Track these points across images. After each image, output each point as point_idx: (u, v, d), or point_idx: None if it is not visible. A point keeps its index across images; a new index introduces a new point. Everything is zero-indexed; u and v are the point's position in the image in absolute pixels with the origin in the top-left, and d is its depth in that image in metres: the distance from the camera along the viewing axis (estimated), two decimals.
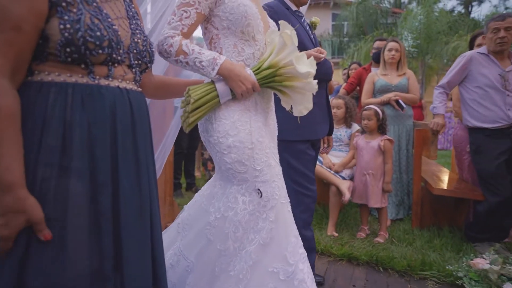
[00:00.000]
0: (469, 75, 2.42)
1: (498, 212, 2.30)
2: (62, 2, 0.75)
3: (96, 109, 0.78)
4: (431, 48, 10.70)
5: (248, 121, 1.12)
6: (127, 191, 0.81)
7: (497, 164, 2.27)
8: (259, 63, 1.13)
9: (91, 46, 0.76)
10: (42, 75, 0.77)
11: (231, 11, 1.10)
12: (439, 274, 1.96)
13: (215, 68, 1.05)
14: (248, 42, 1.15)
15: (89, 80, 0.79)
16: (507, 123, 2.27)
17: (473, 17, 14.39)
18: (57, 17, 0.74)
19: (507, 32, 2.27)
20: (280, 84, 1.12)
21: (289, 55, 1.06)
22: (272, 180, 1.11)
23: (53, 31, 0.74)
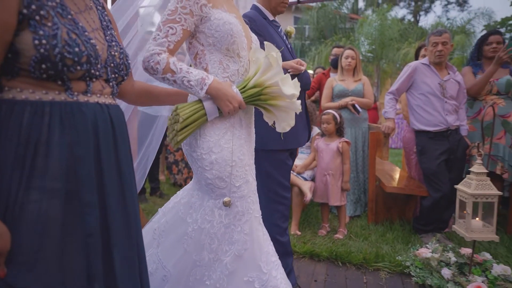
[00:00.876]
0: (414, 83, 2.68)
1: (439, 206, 2.57)
2: (35, 15, 0.70)
3: (78, 128, 0.75)
4: (385, 54, 11.47)
5: (231, 139, 1.15)
6: (115, 209, 0.80)
7: (438, 163, 2.54)
8: (245, 82, 1.16)
9: (69, 62, 0.72)
10: (14, 92, 0.71)
11: (217, 28, 1.11)
12: (390, 264, 2.16)
13: (203, 87, 1.06)
14: (233, 58, 1.17)
15: (67, 97, 0.75)
16: (446, 127, 2.55)
17: (421, 25, 15.58)
18: (30, 31, 0.70)
19: (444, 46, 2.55)
20: (265, 103, 1.16)
21: (275, 77, 1.10)
22: (248, 196, 1.17)
23: (26, 46, 0.69)
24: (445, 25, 14.00)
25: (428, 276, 1.90)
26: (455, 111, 2.59)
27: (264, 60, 1.10)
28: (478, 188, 1.67)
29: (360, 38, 12.69)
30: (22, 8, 0.69)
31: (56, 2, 0.74)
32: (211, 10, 1.11)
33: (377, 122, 6.12)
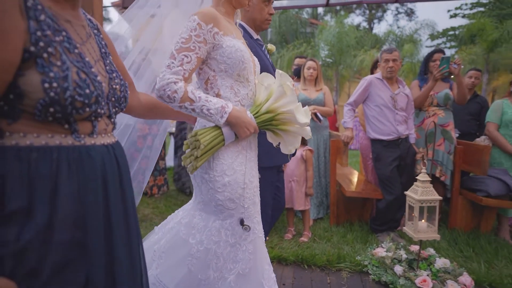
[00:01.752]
0: (370, 96, 2.93)
1: (392, 208, 2.84)
2: (43, 52, 0.64)
3: (87, 175, 0.70)
4: (343, 60, 12.11)
5: (244, 162, 1.19)
6: (121, 257, 0.77)
7: (391, 169, 2.81)
8: (257, 107, 1.20)
9: (78, 105, 0.68)
10: (16, 138, 0.64)
11: (229, 55, 1.14)
12: (351, 264, 2.35)
13: (224, 116, 1.08)
14: (243, 83, 1.21)
15: (74, 140, 0.70)
16: (397, 136, 2.83)
17: (375, 32, 16.64)
18: (38, 72, 0.63)
19: (394, 62, 2.82)
20: (276, 127, 1.22)
21: (289, 105, 1.15)
22: (254, 216, 1.21)
23: (33, 88, 0.63)
24: (396, 33, 15.10)
25: (383, 274, 2.12)
26: (405, 121, 2.88)
27: (278, 88, 1.15)
28: (423, 194, 1.90)
29: (320, 43, 13.24)
30: (29, 46, 0.63)
31: (63, 35, 0.69)
32: (223, 38, 1.14)
33: (335, 124, 6.45)
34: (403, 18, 22.63)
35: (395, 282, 2.04)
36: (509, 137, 2.93)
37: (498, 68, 12.38)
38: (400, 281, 2.02)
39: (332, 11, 16.70)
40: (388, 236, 2.70)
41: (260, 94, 1.23)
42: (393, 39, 14.98)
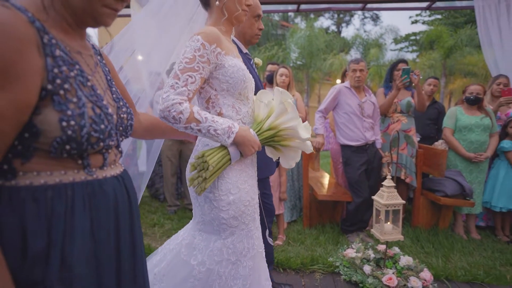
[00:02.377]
0: (339, 104, 3.08)
1: (361, 209, 3.02)
2: (59, 89, 0.62)
3: (100, 210, 0.69)
4: (313, 63, 12.46)
5: (247, 179, 1.20)
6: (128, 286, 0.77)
7: (359, 173, 2.97)
8: (258, 124, 1.21)
9: (93, 140, 0.67)
10: (30, 177, 0.62)
11: (232, 75, 1.14)
12: (323, 266, 2.47)
13: (231, 136, 1.08)
14: (243, 101, 1.22)
15: (87, 175, 0.69)
16: (365, 142, 3.00)
17: (343, 36, 17.25)
18: (55, 110, 0.61)
19: (361, 72, 2.99)
20: (278, 143, 1.23)
21: (291, 121, 1.17)
22: (254, 233, 1.23)
23: (50, 126, 0.61)
24: (363, 37, 15.76)
25: (353, 273, 2.26)
26: (371, 128, 3.06)
27: (279, 105, 1.17)
28: (388, 199, 2.06)
29: (290, 46, 13.52)
30: (46, 84, 0.61)
31: (76, 69, 0.68)
32: (225, 57, 1.15)
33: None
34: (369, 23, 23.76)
35: (364, 281, 2.18)
36: (462, 141, 3.21)
37: (454, 72, 13.35)
38: (368, 280, 2.16)
39: (302, 14, 17.09)
40: (357, 237, 2.86)
41: (260, 111, 1.24)
42: (360, 43, 15.64)
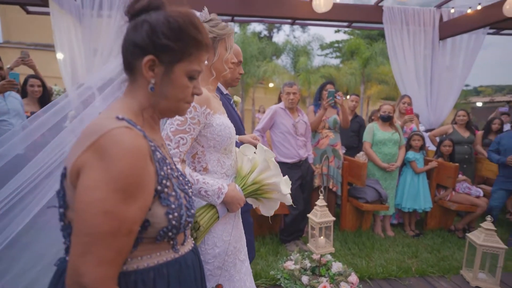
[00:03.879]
0: (275, 123, 3.30)
1: (297, 220, 3.29)
2: (164, 188, 0.72)
3: (187, 282, 0.77)
4: (247, 69, 12.78)
5: (231, 231, 1.24)
6: None
7: (295, 187, 3.23)
8: (243, 179, 1.25)
9: (187, 224, 0.76)
10: (136, 262, 0.71)
11: (219, 133, 1.20)
12: (266, 280, 2.65)
13: (220, 197, 1.14)
14: (227, 155, 1.27)
15: (175, 253, 0.77)
16: (298, 159, 3.28)
17: (274, 41, 18.01)
18: (162, 205, 0.71)
19: (294, 95, 3.26)
20: (260, 196, 1.29)
21: (274, 177, 1.24)
22: (234, 276, 1.27)
23: (158, 219, 0.70)
24: (293, 43, 16.69)
25: (293, 285, 2.48)
26: (304, 145, 3.36)
27: (263, 162, 1.24)
28: (321, 217, 2.32)
29: None
30: (156, 186, 0.71)
31: (168, 163, 0.76)
32: (213, 117, 1.20)
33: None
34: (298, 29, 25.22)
35: None
36: (378, 153, 3.72)
37: (370, 79, 15.06)
38: None
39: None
40: (296, 247, 3.12)
41: (243, 164, 1.31)
42: (290, 49, 16.52)
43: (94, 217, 0.60)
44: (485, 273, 2.77)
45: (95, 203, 0.60)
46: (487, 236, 2.64)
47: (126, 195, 0.62)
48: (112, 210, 0.60)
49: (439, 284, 2.72)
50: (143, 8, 0.73)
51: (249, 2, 5.39)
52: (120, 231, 0.62)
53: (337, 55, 22.88)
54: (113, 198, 0.61)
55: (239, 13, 5.54)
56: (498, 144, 3.66)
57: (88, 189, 0.61)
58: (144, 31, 0.71)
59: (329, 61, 21.85)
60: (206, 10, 1.34)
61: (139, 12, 0.73)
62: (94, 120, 0.69)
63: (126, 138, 0.64)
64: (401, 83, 5.73)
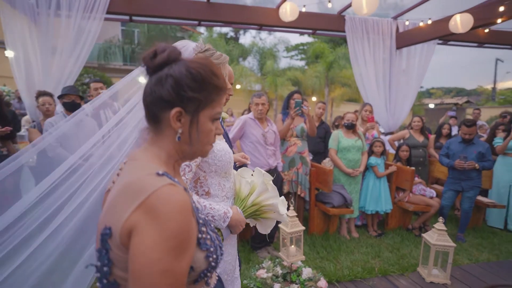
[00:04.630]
0: (245, 133, 3.35)
1: None
2: (202, 233, 0.75)
3: None
4: None
5: (230, 251, 1.28)
6: None
7: None
8: (242, 201, 1.29)
9: (219, 261, 0.79)
10: None
11: (220, 158, 1.24)
12: None
13: (226, 221, 1.19)
14: (227, 178, 1.32)
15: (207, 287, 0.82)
16: (268, 167, 3.36)
17: (241, 42, 18.06)
18: (201, 250, 0.74)
19: (263, 106, 3.34)
20: (259, 216, 1.33)
21: (272, 199, 1.29)
22: None
23: (199, 263, 0.73)
24: (259, 46, 16.85)
25: None
26: (273, 154, 3.45)
27: (261, 185, 1.29)
28: (292, 227, 2.41)
29: None
30: (197, 234, 0.74)
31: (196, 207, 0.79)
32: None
33: None
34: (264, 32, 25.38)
35: None
36: (343, 159, 3.92)
37: (334, 82, 15.66)
38: None
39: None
40: (267, 254, 3.20)
41: (241, 187, 1.35)
42: (257, 51, 16.66)
43: (152, 277, 0.61)
44: (437, 269, 3.04)
45: (152, 263, 0.61)
46: (439, 236, 2.90)
47: (179, 251, 0.64)
48: (168, 269, 0.62)
49: (399, 282, 2.94)
50: (164, 62, 0.74)
51: (216, 8, 5.40)
52: (176, 287, 0.64)
53: (302, 57, 23.44)
54: (168, 257, 0.63)
55: (206, 18, 5.52)
56: (447, 149, 4.02)
57: (144, 251, 0.62)
58: (170, 85, 0.73)
59: (294, 63, 22.35)
60: (201, 40, 1.38)
61: (159, 67, 0.75)
62: (131, 176, 0.70)
63: (174, 196, 0.66)
64: (362, 87, 6.07)
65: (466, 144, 3.87)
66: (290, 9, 4.83)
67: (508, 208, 4.37)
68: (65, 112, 3.23)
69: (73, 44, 4.52)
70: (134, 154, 0.80)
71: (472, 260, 3.43)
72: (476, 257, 3.52)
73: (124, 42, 15.41)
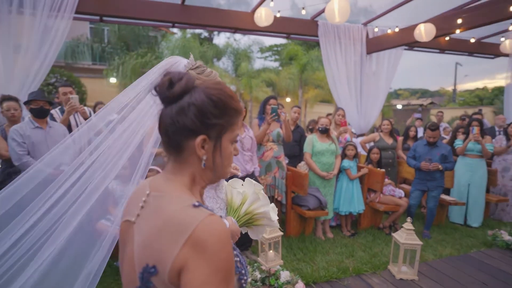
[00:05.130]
0: None
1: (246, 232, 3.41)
2: (235, 256, 0.77)
3: None
4: None
5: None
6: None
7: None
8: (235, 211, 1.31)
9: (247, 283, 0.79)
10: None
11: None
12: None
13: None
14: (220, 189, 1.35)
15: None
16: (246, 173, 3.40)
17: (215, 43, 17.95)
18: (236, 274, 0.76)
19: None
20: (252, 224, 1.34)
21: (263, 207, 1.31)
22: None
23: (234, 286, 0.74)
24: (234, 46, 16.84)
25: None
26: (251, 159, 3.49)
27: (252, 195, 1.32)
28: (270, 233, 2.47)
29: (164, 51, 13.15)
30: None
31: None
32: None
33: None
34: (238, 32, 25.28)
35: None
36: (318, 163, 4.04)
37: (308, 84, 16.00)
38: None
39: None
40: (246, 258, 3.23)
41: (233, 197, 1.37)
42: (231, 52, 16.65)
43: None
44: (406, 266, 3.23)
45: None
46: (408, 235, 3.08)
47: (229, 280, 0.66)
48: None
49: (372, 281, 3.09)
50: (183, 92, 0.74)
51: (191, 10, 5.35)
52: None
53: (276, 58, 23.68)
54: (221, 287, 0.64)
55: (181, 20, 5.46)
56: (414, 151, 4.26)
57: (199, 287, 0.63)
58: (193, 114, 0.73)
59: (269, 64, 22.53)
60: (192, 57, 1.38)
61: (179, 97, 0.75)
62: (167, 210, 0.70)
63: (216, 227, 0.67)
64: (335, 90, 6.28)
65: (430, 147, 4.13)
66: (265, 15, 4.90)
67: (467, 205, 4.71)
68: (33, 119, 3.08)
69: (39, 43, 4.31)
70: (157, 185, 0.79)
71: (437, 256, 3.67)
72: (440, 252, 3.77)
73: (93, 40, 14.80)
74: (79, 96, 3.93)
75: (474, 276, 3.23)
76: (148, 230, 0.71)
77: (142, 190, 0.80)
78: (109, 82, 13.07)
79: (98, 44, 14.62)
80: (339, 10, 3.97)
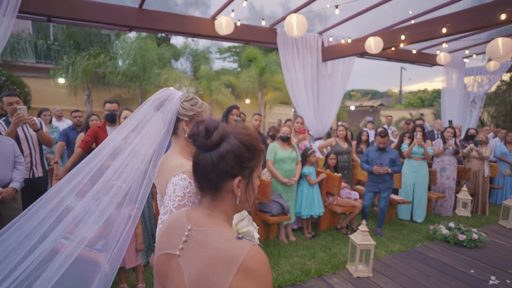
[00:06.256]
0: None
1: None
2: None
3: None
4: (147, 76, 12.12)
5: None
6: None
7: None
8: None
9: None
10: None
11: None
12: None
13: None
14: None
15: None
16: None
17: (172, 43, 17.50)
18: None
19: None
20: None
21: (247, 226, 1.30)
22: None
23: None
24: (192, 47, 16.57)
25: None
26: None
27: (237, 215, 1.34)
28: None
29: (118, 51, 12.55)
30: None
31: None
32: None
33: None
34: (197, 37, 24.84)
35: None
36: (280, 170, 4.20)
37: (267, 86, 16.31)
38: None
39: None
40: None
41: None
42: (189, 53, 16.36)
43: None
44: (362, 264, 3.51)
45: None
46: (363, 237, 3.35)
47: None
48: None
49: (332, 281, 3.32)
50: (220, 140, 0.85)
51: (149, 15, 5.23)
52: None
53: (234, 59, 23.73)
54: None
55: (138, 25, 5.31)
56: (367, 156, 4.62)
57: None
58: (232, 160, 0.84)
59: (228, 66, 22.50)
60: (185, 89, 1.45)
61: (217, 145, 0.85)
62: (214, 244, 0.78)
63: (260, 254, 0.77)
64: (293, 94, 6.54)
65: (381, 152, 4.51)
66: (226, 24, 4.95)
67: (413, 203, 5.22)
68: None
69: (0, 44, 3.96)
70: (198, 220, 0.88)
71: (388, 252, 4.03)
72: (391, 248, 4.14)
73: (37, 37, 13.58)
74: (22, 98, 3.66)
75: (419, 269, 3.61)
76: (199, 262, 0.80)
77: (181, 225, 0.89)
78: (57, 83, 12.14)
79: (43, 41, 13.46)
80: (297, 24, 4.16)
